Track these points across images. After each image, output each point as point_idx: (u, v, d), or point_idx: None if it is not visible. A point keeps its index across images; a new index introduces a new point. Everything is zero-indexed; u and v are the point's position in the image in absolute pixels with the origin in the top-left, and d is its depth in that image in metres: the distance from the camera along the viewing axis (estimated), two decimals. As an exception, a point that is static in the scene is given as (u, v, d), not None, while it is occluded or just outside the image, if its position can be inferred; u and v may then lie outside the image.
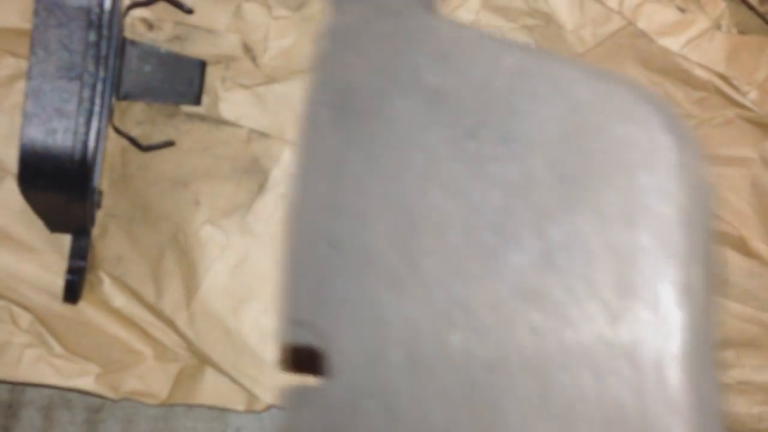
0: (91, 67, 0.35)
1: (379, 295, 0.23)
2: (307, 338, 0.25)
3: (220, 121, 0.45)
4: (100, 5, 0.35)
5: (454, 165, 0.22)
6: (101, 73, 0.36)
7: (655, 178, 0.19)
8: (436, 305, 0.22)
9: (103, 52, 0.35)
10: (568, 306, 0.20)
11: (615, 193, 0.20)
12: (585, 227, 0.20)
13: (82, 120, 0.35)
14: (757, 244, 0.45)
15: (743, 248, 0.45)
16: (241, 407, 0.44)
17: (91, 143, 0.36)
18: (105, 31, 0.35)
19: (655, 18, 0.43)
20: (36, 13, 0.34)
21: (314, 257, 0.25)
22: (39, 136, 0.35)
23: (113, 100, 0.41)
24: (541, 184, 0.21)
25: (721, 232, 0.45)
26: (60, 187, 0.36)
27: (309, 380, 0.25)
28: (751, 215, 0.45)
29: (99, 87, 0.36)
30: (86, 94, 0.35)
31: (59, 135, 0.35)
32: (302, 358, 0.25)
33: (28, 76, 0.35)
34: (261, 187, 0.45)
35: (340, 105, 0.25)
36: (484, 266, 0.21)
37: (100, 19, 0.35)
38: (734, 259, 0.45)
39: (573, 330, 0.20)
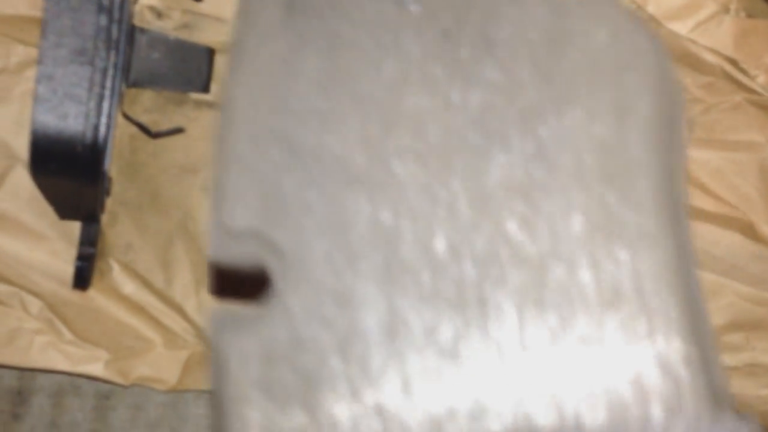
0: (102, 52, 0.35)
1: (348, 201, 0.22)
2: (251, 251, 0.22)
3: (229, 108, 0.45)
4: (111, -11, 0.35)
5: (431, 67, 0.22)
6: (112, 58, 0.36)
7: (638, 77, 0.22)
8: (416, 208, 0.21)
9: (115, 36, 0.35)
10: (558, 198, 0.21)
11: (602, 92, 0.22)
12: (574, 124, 0.21)
13: (93, 104, 0.36)
14: (765, 229, 0.45)
15: (751, 233, 0.45)
16: (251, 393, 0.44)
17: (103, 127, 0.36)
18: (116, 15, 0.35)
19: (663, 2, 0.43)
20: (48, -3, 0.34)
21: (264, 162, 0.22)
22: (50, 120, 0.35)
23: (123, 86, 0.41)
24: (526, 85, 0.22)
25: (729, 216, 0.45)
26: (71, 171, 0.36)
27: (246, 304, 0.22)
28: (759, 200, 0.45)
29: (110, 72, 0.36)
30: (97, 78, 0.36)
31: (71, 119, 0.35)
32: (240, 278, 0.22)
33: (40, 60, 0.35)
34: (270, 173, 0.45)
35: (289, 2, 0.23)
36: (468, 165, 0.21)
37: (111, 3, 0.35)
38: (742, 244, 0.45)
39: (565, 220, 0.21)
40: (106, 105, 0.36)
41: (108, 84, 0.36)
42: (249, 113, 0.22)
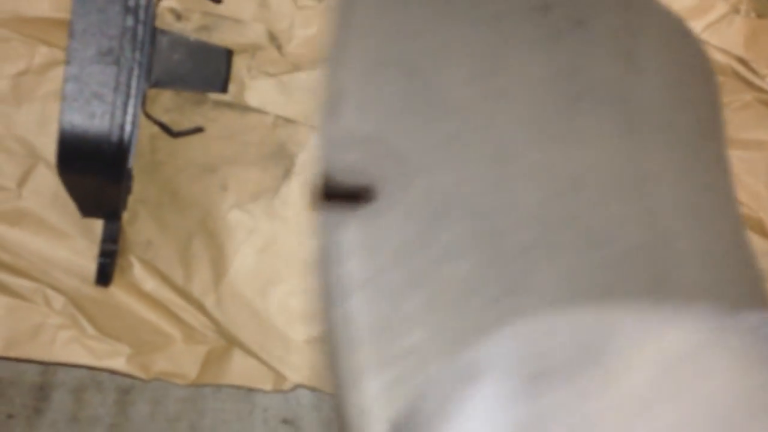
0: (128, 52, 0.36)
1: (466, 126, 0.23)
2: (369, 155, 0.22)
3: (247, 108, 0.46)
4: (138, -10, 0.36)
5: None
6: (138, 58, 0.37)
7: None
8: (529, 130, 0.23)
9: (140, 36, 0.36)
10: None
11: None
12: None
13: (119, 103, 0.36)
14: (775, 226, 0.45)
15: (761, 230, 0.45)
16: (268, 387, 0.45)
17: (128, 126, 0.37)
18: (141, 16, 0.36)
19: (675, 3, 0.44)
20: (75, -1, 0.35)
21: (386, 77, 0.24)
22: (78, 119, 0.36)
23: (145, 86, 0.42)
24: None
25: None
26: (97, 169, 0.37)
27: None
28: (769, 198, 0.46)
29: (135, 71, 0.37)
30: (123, 78, 0.37)
31: (97, 118, 0.36)
32: (347, 186, 0.23)
33: (67, 60, 0.36)
34: (287, 172, 0.46)
35: None
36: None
37: (137, 4, 0.36)
38: (752, 240, 0.45)
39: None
40: (131, 104, 0.37)
41: (133, 84, 0.37)
42: (368, 36, 0.24)
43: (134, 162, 0.45)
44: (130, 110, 0.37)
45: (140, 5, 0.36)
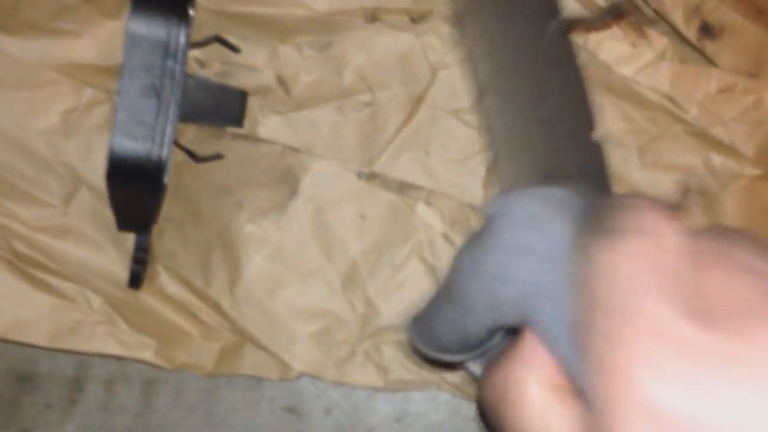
0: (167, 88, 0.45)
1: None
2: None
3: (259, 140, 0.54)
4: (177, 39, 0.44)
5: None
6: (174, 93, 0.45)
7: None
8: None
9: (177, 76, 0.45)
10: None
11: None
12: None
13: (158, 129, 0.45)
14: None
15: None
16: (275, 376, 0.52)
17: (165, 148, 0.45)
18: (180, 59, 0.45)
19: (612, 51, 0.53)
20: (127, 43, 0.44)
21: None
22: (125, 141, 0.44)
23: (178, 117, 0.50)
24: None
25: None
26: (139, 183, 0.45)
27: None
28: (699, 213, 0.54)
29: (172, 104, 0.45)
30: (162, 109, 0.45)
31: (140, 141, 0.44)
32: None
33: (119, 93, 0.44)
34: (293, 192, 0.54)
35: None
36: None
37: (176, 50, 0.44)
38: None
39: None
40: (167, 131, 0.45)
41: (170, 114, 0.45)
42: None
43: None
44: (167, 136, 0.45)
45: (178, 51, 0.45)
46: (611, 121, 0.54)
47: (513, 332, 0.27)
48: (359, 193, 0.53)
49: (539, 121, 0.50)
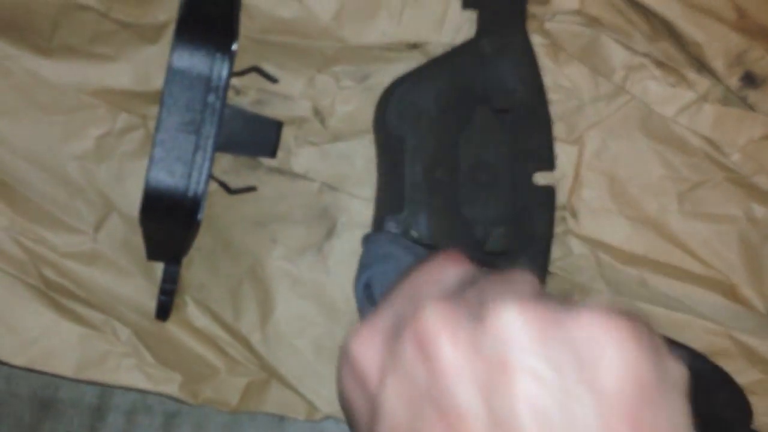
0: (207, 124, 0.44)
1: None
2: None
3: (296, 175, 0.53)
4: (219, 74, 0.43)
5: None
6: (214, 129, 0.44)
7: None
8: None
9: (217, 111, 0.44)
10: None
11: None
12: None
13: (196, 165, 0.44)
14: (746, 291, 0.52)
15: (733, 295, 0.52)
16: (302, 416, 0.51)
17: (202, 184, 0.44)
18: (221, 94, 0.44)
19: (652, 91, 0.52)
20: (168, 78, 0.43)
21: None
22: (162, 176, 0.43)
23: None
24: None
25: (715, 279, 0.52)
26: (173, 219, 0.44)
27: None
28: (740, 266, 0.53)
29: (211, 140, 0.44)
30: (201, 144, 0.44)
31: (177, 177, 0.43)
32: None
33: (158, 129, 0.43)
34: (329, 232, 0.53)
35: None
36: None
37: (218, 85, 0.44)
38: (724, 303, 0.52)
39: None
40: (205, 166, 0.44)
41: (208, 149, 0.44)
42: None
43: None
44: (204, 171, 0.44)
45: (220, 86, 0.44)
46: (650, 167, 0.53)
47: None
48: (395, 235, 0.52)
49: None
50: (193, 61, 0.43)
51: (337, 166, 0.54)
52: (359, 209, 0.53)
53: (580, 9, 0.52)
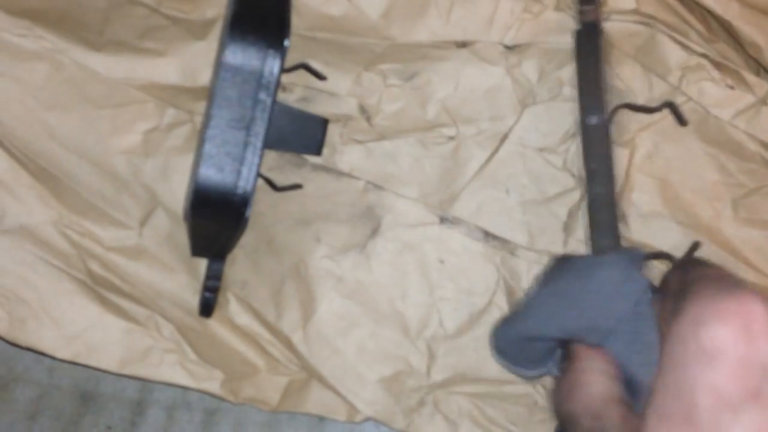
0: (258, 120, 0.43)
1: None
2: None
3: (341, 173, 0.53)
4: (271, 70, 0.43)
5: None
6: (264, 126, 0.44)
7: None
8: None
9: (267, 107, 0.44)
10: None
11: None
12: None
13: (245, 162, 0.43)
14: (801, 302, 0.51)
15: (788, 304, 0.51)
16: (342, 417, 0.50)
17: (251, 181, 0.44)
18: (272, 91, 0.43)
19: (709, 93, 0.50)
20: (220, 74, 0.43)
21: None
22: (212, 173, 0.43)
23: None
24: None
25: (767, 287, 0.51)
26: (222, 215, 0.44)
27: None
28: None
29: (260, 137, 0.44)
30: (251, 140, 0.43)
31: (227, 173, 0.43)
32: None
33: (208, 125, 0.43)
34: (374, 231, 0.52)
35: None
36: None
37: (269, 81, 0.43)
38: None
39: None
40: (254, 163, 0.44)
41: (258, 146, 0.44)
42: None
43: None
44: (253, 168, 0.44)
45: (271, 82, 0.43)
46: (704, 171, 0.52)
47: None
48: (441, 238, 0.51)
49: None
50: (246, 57, 0.43)
51: (383, 165, 0.53)
52: (404, 207, 0.52)
53: (636, 8, 0.51)
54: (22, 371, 0.54)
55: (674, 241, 0.51)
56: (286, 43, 0.44)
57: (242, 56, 0.43)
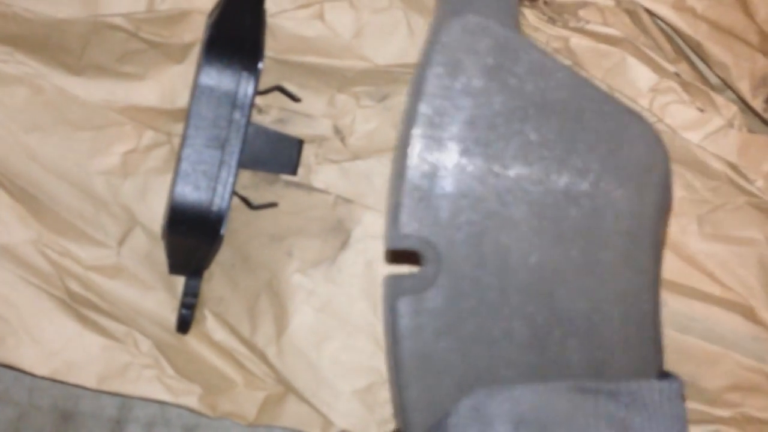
0: (232, 140, 0.45)
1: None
2: (414, 245, 0.36)
3: (312, 189, 0.54)
4: (245, 91, 0.45)
5: None
6: (237, 144, 0.45)
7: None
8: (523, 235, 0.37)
9: (242, 127, 0.45)
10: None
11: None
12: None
13: (220, 180, 0.45)
14: (764, 313, 0.52)
15: (751, 316, 0.52)
16: (316, 430, 0.51)
17: (226, 199, 0.45)
18: (246, 111, 0.45)
19: (678, 116, 0.52)
20: (196, 95, 0.44)
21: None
22: (188, 190, 0.44)
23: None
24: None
25: (733, 301, 0.52)
26: (198, 232, 0.45)
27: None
28: (759, 288, 0.52)
29: (234, 155, 0.45)
30: (225, 159, 0.45)
31: (203, 191, 0.45)
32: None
33: (184, 144, 0.44)
34: (344, 243, 0.53)
35: None
36: None
37: (243, 102, 0.45)
38: (743, 325, 0.52)
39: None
40: (229, 181, 0.45)
41: (232, 164, 0.45)
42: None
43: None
44: (228, 186, 0.45)
45: (246, 103, 0.45)
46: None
47: None
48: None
49: None
50: (221, 78, 0.44)
51: (357, 184, 0.54)
52: (373, 219, 0.53)
53: (605, 21, 0.53)
54: (1, 391, 0.54)
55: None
56: (259, 65, 0.45)
57: (217, 78, 0.44)
